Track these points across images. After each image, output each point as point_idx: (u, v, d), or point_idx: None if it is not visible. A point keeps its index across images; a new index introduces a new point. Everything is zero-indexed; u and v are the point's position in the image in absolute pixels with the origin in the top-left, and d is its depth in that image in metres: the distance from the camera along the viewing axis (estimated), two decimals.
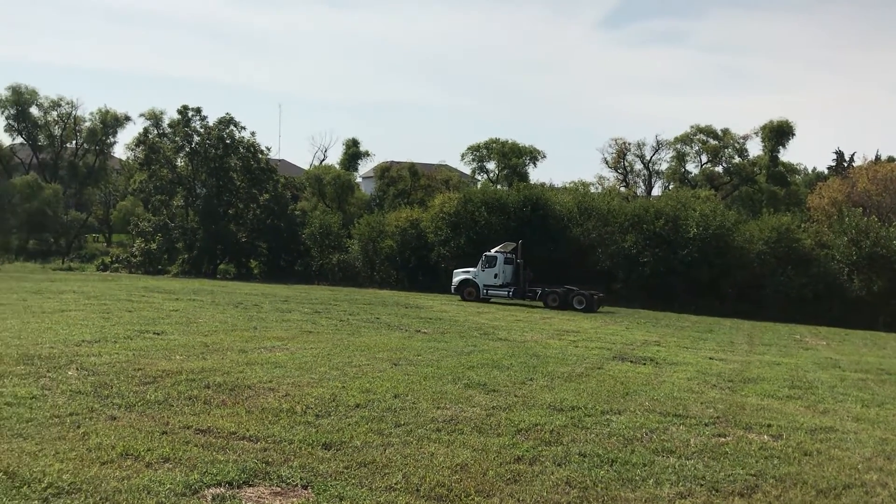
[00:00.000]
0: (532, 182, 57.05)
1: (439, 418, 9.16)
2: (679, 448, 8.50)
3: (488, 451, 7.82)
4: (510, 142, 65.46)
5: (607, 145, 67.12)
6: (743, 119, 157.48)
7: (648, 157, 64.40)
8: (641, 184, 65.72)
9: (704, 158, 63.42)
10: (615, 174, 65.26)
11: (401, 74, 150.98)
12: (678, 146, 62.79)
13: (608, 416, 9.92)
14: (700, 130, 61.90)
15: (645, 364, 15.51)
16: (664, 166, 64.90)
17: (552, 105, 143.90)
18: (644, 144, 63.97)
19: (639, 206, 43.03)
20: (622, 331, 23.86)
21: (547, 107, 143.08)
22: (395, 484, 6.64)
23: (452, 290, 37.28)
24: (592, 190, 56.74)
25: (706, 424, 9.86)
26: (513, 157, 64.38)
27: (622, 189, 62.05)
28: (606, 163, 64.69)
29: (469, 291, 36.20)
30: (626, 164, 65.08)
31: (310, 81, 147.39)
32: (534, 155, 65.82)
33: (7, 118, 60.90)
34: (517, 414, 9.64)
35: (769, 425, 10.01)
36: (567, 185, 57.25)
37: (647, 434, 9.08)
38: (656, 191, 64.08)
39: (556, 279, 40.62)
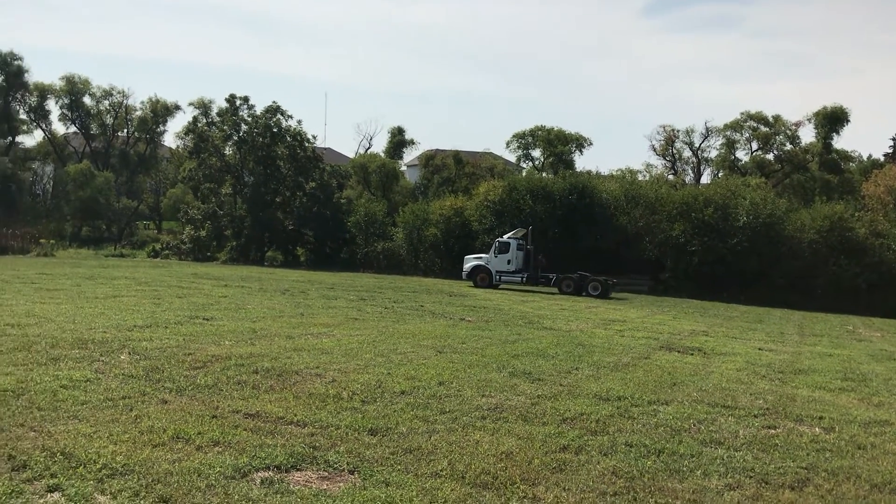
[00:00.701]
0: (578, 170, 56.65)
1: (484, 406, 9.17)
2: (728, 439, 8.38)
3: (533, 440, 7.80)
4: (556, 129, 64.95)
5: (655, 132, 66.11)
6: (795, 105, 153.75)
7: (697, 145, 63.47)
8: (690, 171, 64.84)
9: (755, 146, 62.29)
10: (663, 162, 64.48)
11: (446, 62, 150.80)
12: (728, 133, 61.71)
13: (655, 407, 9.82)
14: (750, 117, 60.73)
15: (693, 354, 15.32)
16: (713, 154, 63.92)
17: (599, 92, 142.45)
18: (693, 131, 63.03)
19: (687, 194, 42.47)
20: (669, 320, 23.60)
21: (594, 94, 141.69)
22: (441, 471, 6.66)
23: (464, 276, 37.42)
24: (640, 178, 56.18)
25: (755, 416, 9.70)
26: (559, 145, 63.86)
27: (670, 177, 61.28)
28: (654, 150, 63.95)
29: (482, 277, 36.29)
30: (675, 151, 64.22)
31: (356, 70, 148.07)
32: (580, 142, 65.22)
33: (61, 108, 62.39)
34: (563, 403, 9.60)
35: (821, 417, 9.81)
36: (614, 173, 56.76)
37: (694, 425, 8.97)
38: (705, 178, 63.18)
39: (602, 268, 40.35)
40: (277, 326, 15.39)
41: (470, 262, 37.52)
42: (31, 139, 66.85)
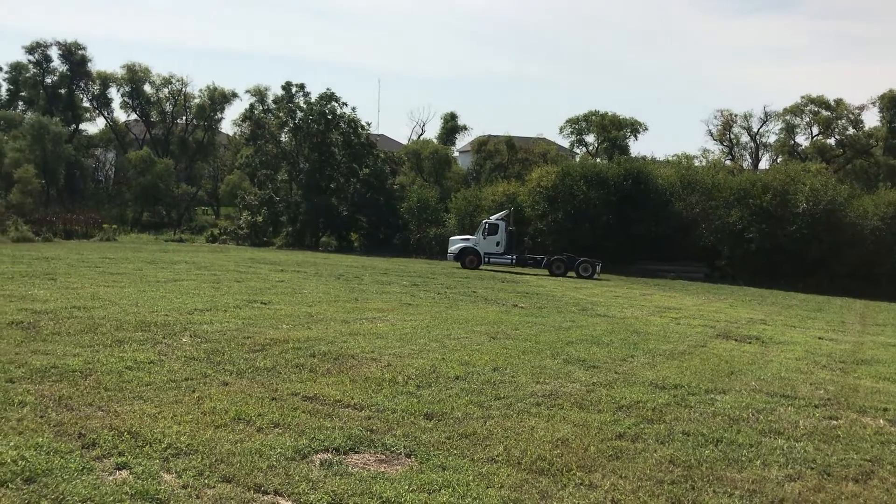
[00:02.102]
0: (633, 155, 55.90)
1: (539, 393, 9.17)
2: (787, 430, 8.25)
3: (589, 427, 7.78)
4: (610, 114, 64.17)
5: (712, 117, 65.00)
6: (858, 89, 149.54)
7: (756, 129, 62.10)
8: (748, 157, 63.55)
9: (815, 130, 60.70)
10: (720, 147, 63.28)
11: (499, 47, 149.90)
12: (787, 117, 60.25)
13: (712, 395, 9.71)
14: (811, 101, 59.16)
15: (750, 343, 15.07)
16: (772, 139, 62.49)
17: (654, 76, 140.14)
18: (751, 116, 61.69)
19: (745, 180, 41.62)
20: (726, 308, 23.23)
21: (649, 78, 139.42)
22: (497, 456, 6.70)
23: (449, 258, 37.29)
24: (696, 163, 55.30)
25: (816, 406, 9.52)
26: (613, 130, 63.13)
27: (727, 162, 60.15)
28: (711, 135, 62.77)
29: (471, 259, 36.16)
30: (732, 136, 62.95)
31: (409, 56, 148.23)
32: (635, 127, 64.37)
33: (122, 96, 63.79)
34: (618, 391, 9.55)
35: (885, 409, 9.58)
36: (669, 159, 55.96)
37: (753, 414, 8.84)
38: (763, 164, 61.84)
39: (656, 255, 39.95)
40: (333, 311, 15.59)
41: (457, 243, 37.40)
42: (93, 126, 68.70)
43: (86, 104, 65.50)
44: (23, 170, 50.00)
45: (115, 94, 64.31)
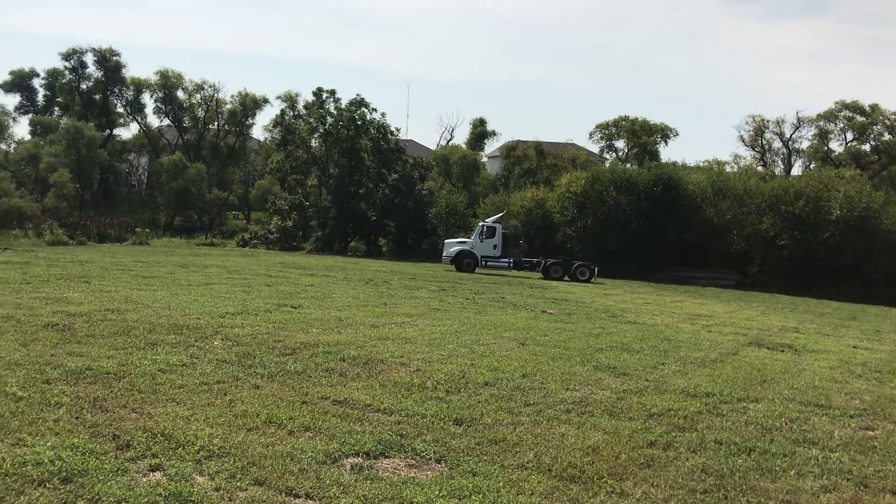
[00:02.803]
0: (663, 161, 55.57)
1: (569, 399, 9.13)
2: (822, 439, 8.13)
3: (620, 435, 7.73)
4: (640, 119, 63.92)
5: (744, 122, 64.77)
6: (892, 94, 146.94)
7: (788, 135, 61.51)
8: (780, 163, 62.93)
9: (850, 136, 59.94)
10: (752, 152, 62.76)
11: (528, 52, 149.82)
12: (821, 123, 59.57)
13: (745, 404, 9.59)
14: (846, 106, 58.43)
15: (783, 351, 14.88)
16: (805, 144, 61.83)
17: (685, 81, 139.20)
18: (783, 121, 61.11)
19: (777, 186, 41.16)
20: (758, 316, 22.97)
21: (679, 83, 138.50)
22: (527, 462, 6.68)
23: (444, 261, 37.02)
24: (727, 169, 54.80)
25: (851, 416, 9.36)
26: (643, 135, 62.83)
27: (759, 168, 59.57)
28: (743, 141, 62.31)
29: (468, 262, 35.89)
30: (764, 141, 62.40)
31: (438, 61, 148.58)
32: (665, 133, 64.00)
33: (156, 101, 64.81)
34: (649, 398, 9.47)
35: None
36: (700, 164, 55.54)
37: (787, 424, 8.72)
38: (796, 170, 61.14)
39: (687, 261, 39.65)
40: (362, 315, 15.64)
41: (453, 246, 37.13)
42: (127, 132, 69.80)
43: (120, 110, 66.60)
44: (58, 174, 50.88)
45: (148, 99, 65.41)
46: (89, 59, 63.12)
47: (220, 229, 58.96)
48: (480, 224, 37.79)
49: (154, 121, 68.41)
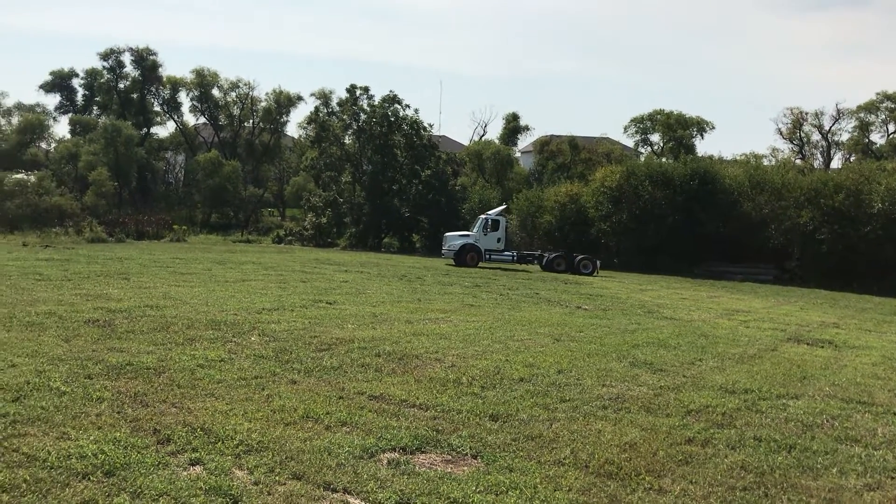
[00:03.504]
0: (699, 154, 54.95)
1: (605, 396, 9.07)
2: (865, 437, 7.99)
3: (657, 431, 7.67)
4: (676, 113, 63.25)
5: (782, 115, 63.38)
6: None
7: (827, 128, 60.45)
8: (819, 156, 61.91)
9: (892, 128, 58.71)
10: (790, 146, 61.81)
11: (561, 46, 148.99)
12: (861, 115, 58.46)
13: (784, 401, 9.46)
14: (887, 97, 57.29)
15: (823, 347, 14.64)
16: (845, 137, 60.73)
17: (721, 73, 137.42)
18: (822, 114, 60.05)
19: (816, 180, 40.42)
20: (797, 311, 22.62)
21: (716, 75, 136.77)
22: (564, 459, 6.65)
23: (445, 255, 36.08)
24: (765, 162, 54.02)
25: (895, 414, 9.19)
26: (678, 129, 62.17)
27: (798, 161, 58.65)
28: (781, 134, 61.37)
29: (471, 256, 35.04)
30: (803, 134, 61.40)
31: (471, 56, 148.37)
32: (701, 126, 63.28)
33: (192, 100, 65.51)
34: (686, 395, 9.38)
35: None
36: (737, 158, 54.81)
37: (828, 421, 8.59)
38: (836, 163, 60.11)
39: (724, 256, 39.20)
40: (396, 311, 15.70)
41: (455, 240, 36.13)
42: (164, 130, 70.67)
43: (157, 108, 67.46)
44: (97, 172, 51.72)
45: (184, 98, 66.13)
46: (127, 58, 64.08)
47: (256, 226, 59.48)
48: (483, 217, 37.01)
49: (190, 119, 69.30)
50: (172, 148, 69.60)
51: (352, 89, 51.75)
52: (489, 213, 37.79)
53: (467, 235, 36.25)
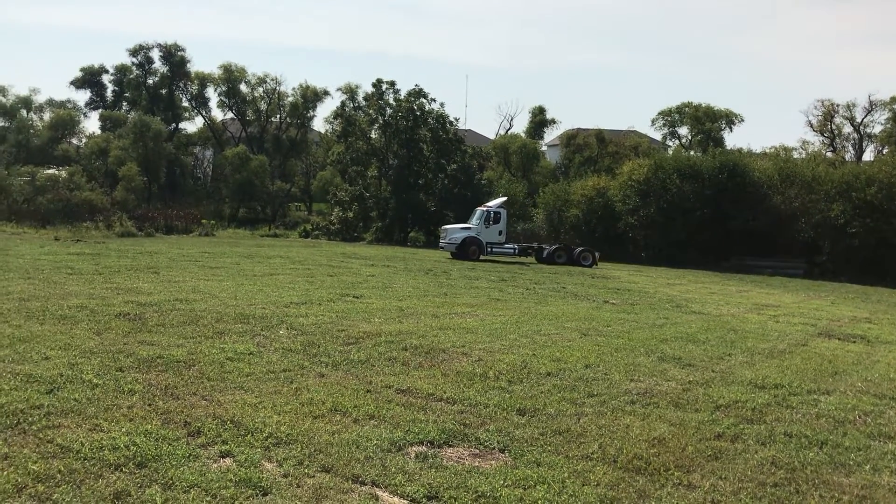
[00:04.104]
0: (728, 148, 54.39)
1: (633, 391, 9.02)
2: None
3: (686, 427, 7.61)
4: (704, 105, 62.65)
5: (812, 107, 62.53)
6: None
7: (859, 119, 59.45)
8: (851, 148, 60.90)
9: None
10: (821, 138, 60.84)
11: (588, 38, 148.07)
12: (895, 106, 57.40)
13: (815, 396, 9.35)
14: None
15: (855, 342, 14.44)
16: (878, 129, 59.65)
17: (750, 65, 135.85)
18: (854, 105, 59.08)
19: (847, 173, 39.88)
20: (827, 306, 22.34)
21: (744, 67, 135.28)
22: (592, 454, 6.63)
23: (452, 249, 34.82)
24: (795, 155, 53.30)
25: None
26: (707, 122, 61.59)
27: (828, 154, 57.75)
28: (811, 126, 60.45)
29: (473, 250, 34.20)
30: (834, 127, 60.44)
31: (496, 50, 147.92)
32: (730, 119, 62.64)
33: (219, 95, 66.01)
34: (716, 390, 9.30)
35: None
36: (767, 151, 54.15)
37: (860, 417, 8.47)
38: (867, 156, 59.09)
39: (753, 250, 38.82)
40: (423, 305, 15.72)
41: (455, 232, 35.19)
42: (192, 125, 71.46)
43: (185, 104, 68.08)
44: (127, 167, 52.32)
45: (212, 93, 66.69)
46: (155, 54, 64.78)
47: (283, 220, 59.86)
48: (484, 209, 36.19)
49: (218, 114, 69.85)
50: (200, 143, 70.22)
51: (378, 84, 51.85)
52: (489, 204, 37.10)
53: (468, 228, 35.42)
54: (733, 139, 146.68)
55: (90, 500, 5.13)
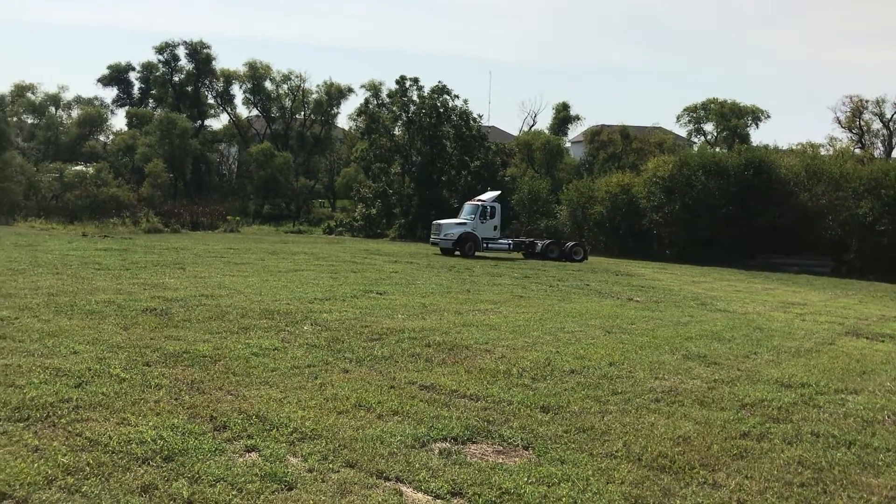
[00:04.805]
0: (754, 144, 53.85)
1: (658, 389, 8.97)
2: None
3: (712, 425, 7.56)
4: (730, 101, 62.10)
5: (840, 103, 61.91)
6: None
7: (889, 116, 58.62)
8: (880, 145, 60.12)
9: None
10: (849, 135, 60.09)
11: (612, 34, 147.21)
12: None
13: (843, 396, 9.24)
14: None
15: (883, 341, 14.24)
16: None
17: (778, 61, 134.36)
18: (884, 101, 58.31)
19: (876, 170, 39.27)
20: (855, 304, 22.06)
21: (772, 63, 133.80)
22: (616, 452, 6.60)
23: (448, 245, 33.46)
24: (822, 152, 52.65)
25: None
26: (733, 118, 61.04)
27: (857, 151, 57.01)
28: (839, 122, 59.71)
29: (470, 246, 33.13)
30: (862, 123, 59.67)
31: (520, 46, 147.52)
32: (756, 115, 62.05)
33: (245, 92, 66.45)
34: (741, 388, 9.23)
35: None
36: (793, 147, 53.54)
37: (889, 417, 8.36)
38: None
39: (779, 248, 38.44)
40: (446, 302, 15.73)
41: (451, 228, 33.89)
42: (217, 122, 71.98)
43: (210, 101, 68.59)
44: (153, 164, 52.83)
45: (237, 90, 67.17)
46: (181, 52, 65.32)
47: (307, 217, 60.16)
48: (478, 204, 34.95)
49: (243, 111, 70.32)
50: (226, 140, 70.74)
51: (401, 80, 51.90)
52: (482, 199, 35.81)
53: (464, 224, 34.19)
54: (759, 136, 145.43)
55: (118, 492, 5.20)
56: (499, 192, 37.88)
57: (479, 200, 35.77)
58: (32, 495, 5.08)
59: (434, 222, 36.10)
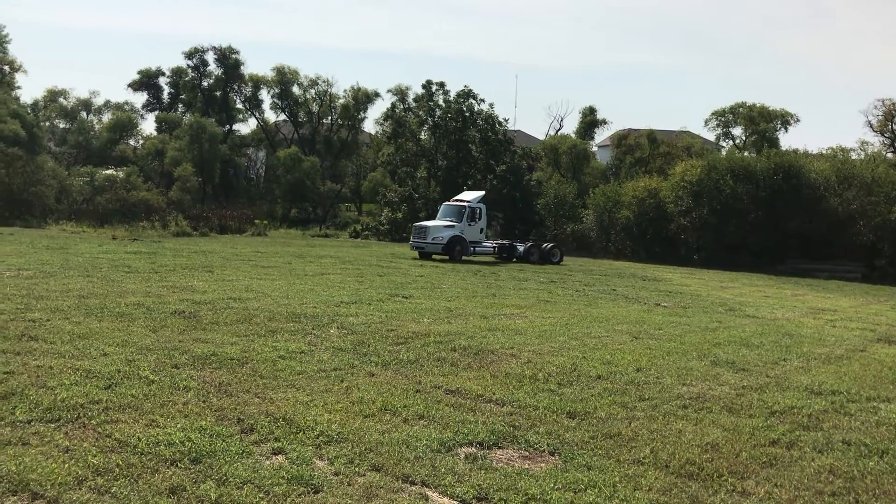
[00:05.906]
0: (783, 148, 53.21)
1: (685, 395, 8.90)
2: None
3: (740, 432, 7.48)
4: (759, 105, 61.34)
5: (872, 107, 60.83)
6: None
7: None
8: None
9: None
10: (881, 139, 59.09)
11: (639, 38, 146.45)
12: None
13: (875, 404, 9.10)
14: None
15: None
16: None
17: (806, 64, 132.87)
18: None
19: None
20: (887, 311, 21.72)
21: (800, 66, 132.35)
22: (643, 458, 6.55)
23: (440, 250, 31.27)
24: (853, 156, 51.88)
25: None
26: (761, 122, 60.31)
27: (889, 155, 56.14)
28: (871, 126, 58.72)
29: (458, 250, 31.43)
30: (895, 127, 58.72)
31: (547, 50, 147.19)
32: (785, 119, 61.26)
33: (272, 97, 66.78)
34: (770, 395, 9.13)
35: None
36: (823, 152, 52.83)
37: None
38: None
39: (809, 253, 38.01)
40: (471, 306, 15.72)
41: (439, 231, 31.53)
42: (245, 127, 72.32)
43: (239, 105, 69.03)
44: (182, 168, 53.33)
45: (265, 95, 67.43)
46: (210, 57, 65.76)
47: (334, 221, 60.34)
48: (460, 205, 32.99)
49: (271, 116, 70.66)
50: (254, 144, 71.15)
51: (428, 85, 51.97)
52: (464, 199, 33.82)
53: (453, 226, 31.94)
54: (788, 140, 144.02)
55: (147, 494, 5.25)
56: (483, 193, 35.94)
57: (459, 201, 33.98)
58: (63, 495, 5.15)
59: (416, 224, 34.24)
